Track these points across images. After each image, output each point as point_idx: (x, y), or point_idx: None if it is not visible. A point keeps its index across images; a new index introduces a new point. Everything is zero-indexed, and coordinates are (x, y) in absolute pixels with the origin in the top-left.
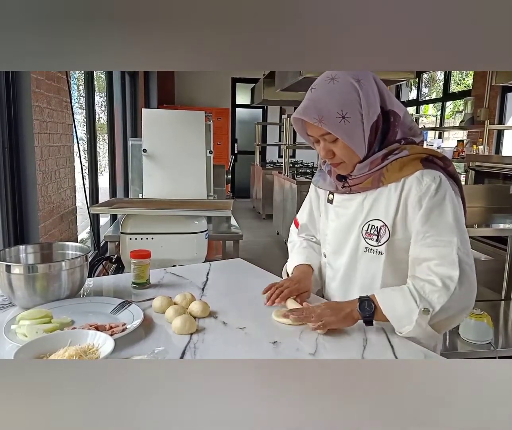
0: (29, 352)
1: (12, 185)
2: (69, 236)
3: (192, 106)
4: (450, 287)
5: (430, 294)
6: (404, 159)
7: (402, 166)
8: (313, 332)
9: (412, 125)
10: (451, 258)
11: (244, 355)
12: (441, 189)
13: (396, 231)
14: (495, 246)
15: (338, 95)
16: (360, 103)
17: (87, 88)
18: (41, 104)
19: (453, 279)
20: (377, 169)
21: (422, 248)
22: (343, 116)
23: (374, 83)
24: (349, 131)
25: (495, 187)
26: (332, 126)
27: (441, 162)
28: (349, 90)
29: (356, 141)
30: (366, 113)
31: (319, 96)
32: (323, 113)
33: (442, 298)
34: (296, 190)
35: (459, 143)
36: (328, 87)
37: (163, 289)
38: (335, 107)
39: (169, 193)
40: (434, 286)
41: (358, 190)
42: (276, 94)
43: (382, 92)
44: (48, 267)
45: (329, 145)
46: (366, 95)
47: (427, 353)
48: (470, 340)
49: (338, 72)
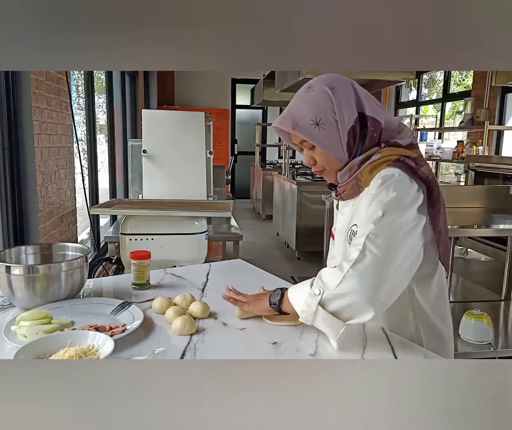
0: (29, 353)
1: (12, 186)
2: (69, 237)
3: (192, 107)
4: (344, 268)
5: (325, 276)
6: (375, 163)
7: (372, 170)
8: (313, 333)
9: (401, 128)
10: (358, 243)
11: (244, 356)
12: (386, 183)
13: None
14: (495, 246)
15: (312, 103)
16: (333, 110)
17: (87, 89)
18: (41, 105)
19: (350, 262)
20: (354, 176)
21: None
22: (317, 123)
23: (351, 89)
24: (324, 138)
25: (495, 188)
26: (306, 133)
27: (412, 162)
28: (323, 98)
29: (333, 147)
30: (341, 120)
31: (295, 105)
32: (297, 120)
33: (335, 279)
34: (296, 191)
35: (459, 143)
36: (304, 96)
37: (163, 289)
38: (309, 114)
39: (169, 194)
40: (331, 269)
41: (347, 198)
42: (276, 95)
43: (360, 98)
44: (48, 268)
45: (310, 152)
46: (339, 101)
47: (426, 353)
48: (470, 340)
49: (314, 81)
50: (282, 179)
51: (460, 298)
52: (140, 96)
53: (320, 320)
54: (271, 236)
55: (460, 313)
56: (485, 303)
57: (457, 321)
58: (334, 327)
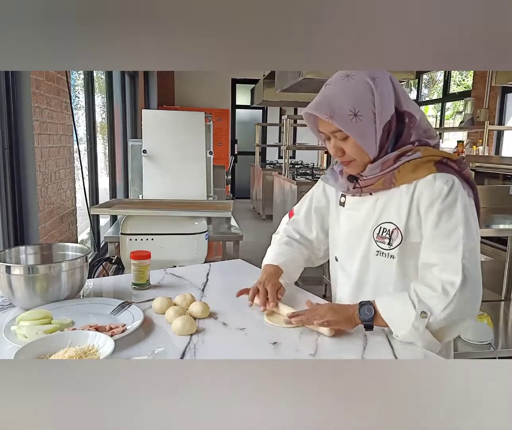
0: (29, 353)
1: (12, 186)
2: (69, 237)
3: (192, 107)
4: (450, 293)
5: (429, 299)
6: (417, 161)
7: (415, 168)
8: (313, 333)
9: (428, 128)
10: (455, 263)
11: (244, 356)
12: (452, 192)
13: (408, 235)
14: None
15: (351, 92)
16: (373, 102)
17: (87, 89)
18: (41, 105)
19: (454, 285)
20: (388, 170)
21: (430, 253)
22: (355, 114)
23: (390, 83)
24: (360, 130)
25: (495, 188)
26: (343, 123)
27: (455, 165)
28: (363, 89)
29: (367, 140)
30: (379, 113)
31: (333, 92)
32: (335, 109)
33: (441, 303)
34: (296, 191)
35: (459, 144)
36: (342, 84)
37: (163, 289)
38: (348, 104)
39: (169, 194)
40: (434, 291)
41: (369, 192)
42: (276, 95)
43: (398, 92)
44: (48, 268)
45: (339, 143)
46: (380, 94)
47: (426, 353)
48: (470, 340)
49: (352, 69)
50: (282, 179)
51: None
52: (140, 96)
53: (421, 341)
54: (271, 236)
55: None
56: (485, 303)
57: None
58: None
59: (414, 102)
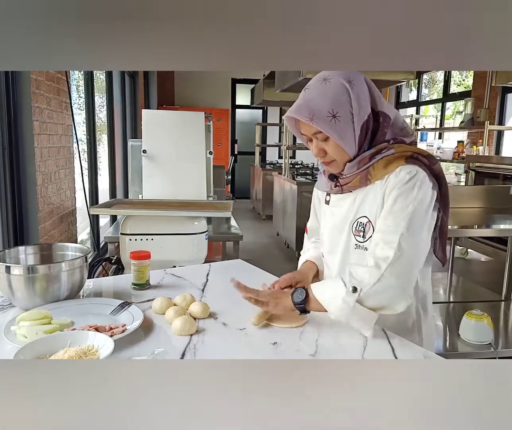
0: (29, 353)
1: (12, 186)
2: (68, 237)
3: (192, 107)
4: (382, 267)
5: (361, 274)
6: (390, 158)
7: (387, 164)
8: (313, 333)
9: (404, 126)
10: (392, 241)
11: (244, 356)
12: (413, 180)
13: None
14: (495, 246)
15: (329, 95)
16: (350, 104)
17: (87, 89)
18: (41, 105)
19: (387, 260)
20: (364, 168)
21: (376, 234)
22: (333, 116)
23: (365, 85)
24: (340, 130)
25: (495, 188)
26: (323, 125)
27: (425, 160)
28: (340, 91)
29: (346, 140)
30: (357, 113)
31: (312, 96)
32: (314, 112)
33: (372, 277)
34: (296, 191)
35: (459, 144)
36: (320, 87)
37: (163, 290)
38: (326, 106)
39: (169, 194)
40: (366, 267)
41: (348, 190)
42: (276, 95)
43: (373, 93)
44: (48, 268)
45: (321, 143)
46: (356, 96)
47: (426, 353)
48: (470, 340)
49: (330, 73)
50: (282, 179)
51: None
52: (140, 96)
53: (355, 316)
54: (271, 236)
55: (460, 313)
56: (485, 303)
57: (457, 321)
58: (366, 320)
59: (387, 103)
